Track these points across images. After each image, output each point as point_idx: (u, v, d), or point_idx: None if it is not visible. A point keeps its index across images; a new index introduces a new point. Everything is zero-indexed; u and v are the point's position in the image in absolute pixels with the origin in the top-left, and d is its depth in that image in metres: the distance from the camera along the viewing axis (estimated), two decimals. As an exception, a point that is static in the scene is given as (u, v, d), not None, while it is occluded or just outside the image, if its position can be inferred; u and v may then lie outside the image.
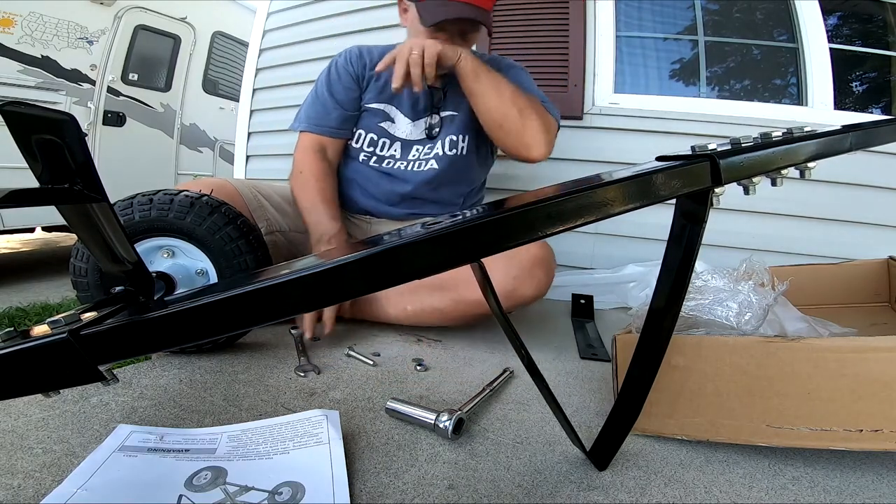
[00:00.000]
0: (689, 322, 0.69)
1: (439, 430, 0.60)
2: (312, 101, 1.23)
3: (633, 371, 0.52)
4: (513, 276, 0.99)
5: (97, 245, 0.49)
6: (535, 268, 1.01)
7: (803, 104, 1.67)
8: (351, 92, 1.21)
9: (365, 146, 1.23)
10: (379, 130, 1.22)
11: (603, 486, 0.52)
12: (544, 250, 1.06)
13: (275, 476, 0.49)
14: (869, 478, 0.54)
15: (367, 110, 1.23)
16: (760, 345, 0.57)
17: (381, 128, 1.22)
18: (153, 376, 0.75)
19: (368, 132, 1.22)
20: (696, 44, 1.82)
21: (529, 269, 1.00)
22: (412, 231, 0.34)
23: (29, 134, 0.38)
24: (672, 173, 0.39)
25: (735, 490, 0.52)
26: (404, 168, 1.22)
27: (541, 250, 1.04)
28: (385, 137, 1.22)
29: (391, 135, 1.22)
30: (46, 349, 0.34)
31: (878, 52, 1.72)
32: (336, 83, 1.21)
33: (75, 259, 0.81)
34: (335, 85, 1.21)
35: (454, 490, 0.50)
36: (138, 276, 0.55)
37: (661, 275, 0.48)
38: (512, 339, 0.47)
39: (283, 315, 0.32)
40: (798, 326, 0.73)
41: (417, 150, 1.22)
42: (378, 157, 1.23)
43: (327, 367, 0.84)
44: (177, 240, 0.82)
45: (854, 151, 0.50)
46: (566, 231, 0.35)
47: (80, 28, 2.52)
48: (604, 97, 1.74)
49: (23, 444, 0.54)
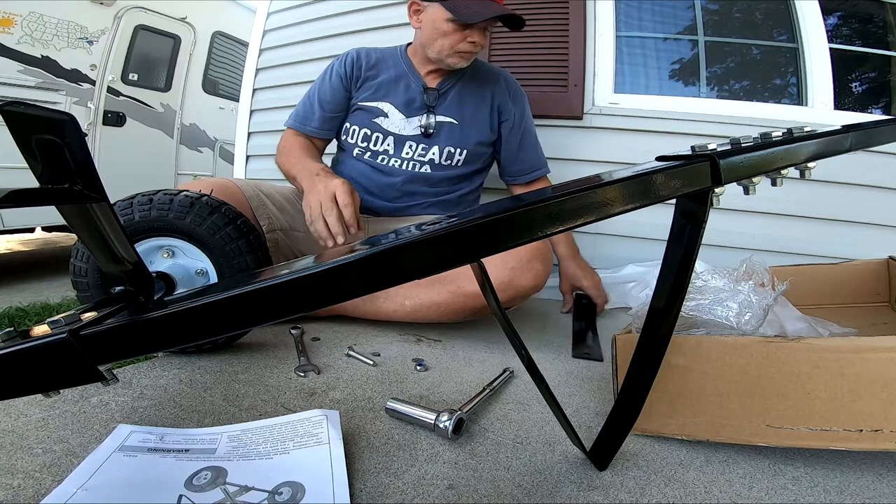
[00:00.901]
0: (689, 322, 0.69)
1: (439, 430, 0.60)
2: (304, 101, 1.29)
3: (633, 371, 0.52)
4: (510, 266, 1.00)
5: (97, 245, 0.49)
6: (533, 259, 1.02)
7: (803, 104, 1.67)
8: (337, 94, 1.25)
9: (359, 141, 1.25)
10: (372, 125, 1.24)
11: (603, 486, 0.52)
12: (542, 241, 1.06)
13: (275, 476, 0.49)
14: (869, 478, 0.54)
15: (361, 108, 1.25)
16: (760, 345, 0.57)
17: (374, 123, 1.24)
18: (153, 376, 0.75)
19: (362, 127, 1.24)
20: (695, 44, 1.82)
21: (528, 260, 1.01)
22: (412, 231, 0.34)
23: (29, 134, 0.38)
24: (672, 173, 0.39)
25: (735, 490, 0.52)
26: (398, 166, 1.24)
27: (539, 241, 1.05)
28: (378, 132, 1.23)
29: (384, 129, 1.23)
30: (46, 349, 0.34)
31: (878, 52, 1.72)
32: (325, 85, 1.26)
33: (75, 259, 0.81)
34: (324, 87, 1.26)
35: (454, 490, 0.50)
36: (138, 276, 0.55)
37: (661, 275, 0.48)
38: (512, 339, 0.47)
39: (283, 315, 0.32)
40: (798, 326, 0.73)
41: (411, 147, 1.23)
42: (372, 152, 1.25)
43: (327, 367, 0.84)
44: (177, 240, 0.82)
45: (854, 151, 0.50)
46: (566, 231, 0.35)
47: (80, 28, 2.53)
48: (604, 97, 1.74)
49: (23, 444, 0.54)
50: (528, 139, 1.34)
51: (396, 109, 1.24)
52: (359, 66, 1.26)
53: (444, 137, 1.24)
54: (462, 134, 1.25)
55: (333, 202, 0.94)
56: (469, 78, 1.28)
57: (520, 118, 1.32)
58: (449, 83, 1.27)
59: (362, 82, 1.26)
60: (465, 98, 1.26)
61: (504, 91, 1.30)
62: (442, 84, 1.26)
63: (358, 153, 1.26)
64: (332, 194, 0.94)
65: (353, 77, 1.26)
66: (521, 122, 1.32)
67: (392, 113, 1.24)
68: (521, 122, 1.32)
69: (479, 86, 1.29)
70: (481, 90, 1.29)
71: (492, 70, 1.34)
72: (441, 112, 1.25)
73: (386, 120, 1.24)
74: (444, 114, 1.25)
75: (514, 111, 1.31)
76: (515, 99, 1.32)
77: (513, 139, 1.32)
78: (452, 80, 1.27)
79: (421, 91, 1.24)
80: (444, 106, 1.25)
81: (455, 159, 1.26)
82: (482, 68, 1.33)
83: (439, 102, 1.25)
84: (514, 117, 1.30)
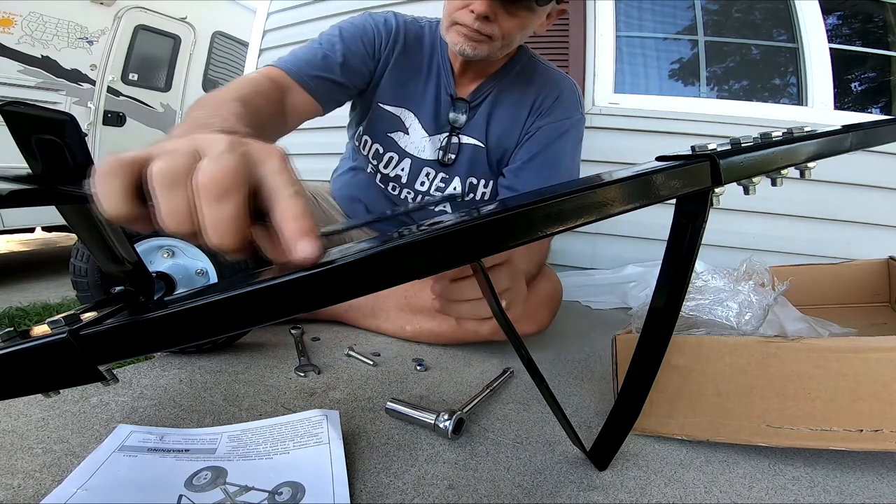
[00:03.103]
0: (689, 322, 0.69)
1: (439, 430, 0.60)
2: (307, 46, 0.91)
3: (633, 371, 0.52)
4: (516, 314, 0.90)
5: (97, 245, 0.49)
6: (540, 306, 0.95)
7: (803, 104, 1.67)
8: (363, 61, 0.91)
9: (371, 156, 1.02)
10: (387, 142, 0.99)
11: (603, 486, 0.52)
12: (553, 286, 0.99)
13: (275, 476, 0.49)
14: (869, 478, 0.54)
15: (379, 111, 0.97)
16: (760, 345, 0.57)
17: (389, 139, 0.99)
18: (153, 376, 0.75)
19: (374, 142, 0.99)
20: (695, 44, 1.82)
21: (532, 308, 0.93)
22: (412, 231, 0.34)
23: (29, 134, 0.38)
24: (672, 173, 0.38)
25: (735, 490, 0.52)
26: (411, 200, 1.01)
27: (549, 286, 0.97)
28: (392, 151, 0.99)
29: (401, 149, 0.99)
30: (46, 349, 0.34)
31: (878, 52, 1.72)
32: (356, 41, 0.90)
33: (75, 259, 0.81)
34: (352, 41, 0.90)
35: (454, 490, 0.50)
36: (138, 276, 0.55)
37: (661, 275, 0.48)
38: (512, 339, 0.47)
39: (283, 315, 0.32)
40: (798, 326, 0.73)
41: (428, 176, 0.99)
42: (383, 175, 1.02)
43: (327, 367, 0.83)
44: (177, 239, 0.82)
45: (854, 151, 0.50)
46: (566, 231, 0.35)
47: (80, 28, 2.52)
48: (604, 97, 1.74)
49: (23, 444, 0.54)
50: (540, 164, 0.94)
51: (420, 124, 0.96)
52: (394, 39, 0.92)
53: (466, 165, 0.97)
54: (486, 160, 0.97)
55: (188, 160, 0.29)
56: (511, 82, 0.96)
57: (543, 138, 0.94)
58: (485, 91, 0.95)
59: (386, 63, 0.93)
60: (498, 111, 0.96)
61: (547, 97, 0.96)
62: (476, 93, 0.95)
63: (371, 170, 1.03)
64: (193, 149, 0.28)
65: (386, 52, 0.92)
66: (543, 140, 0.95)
67: (414, 128, 0.96)
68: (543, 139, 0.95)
69: (521, 92, 0.95)
70: (522, 99, 0.95)
71: (550, 76, 0.98)
72: (467, 131, 0.96)
73: (405, 137, 0.97)
74: (471, 133, 0.96)
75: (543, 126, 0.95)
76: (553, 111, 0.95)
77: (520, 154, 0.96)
78: (490, 86, 0.95)
79: (448, 100, 0.94)
80: (472, 123, 0.96)
81: (479, 192, 0.99)
82: (536, 69, 0.98)
83: (468, 118, 0.95)
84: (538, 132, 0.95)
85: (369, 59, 0.92)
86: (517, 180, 0.96)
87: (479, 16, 0.80)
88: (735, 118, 1.61)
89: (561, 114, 0.96)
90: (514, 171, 0.97)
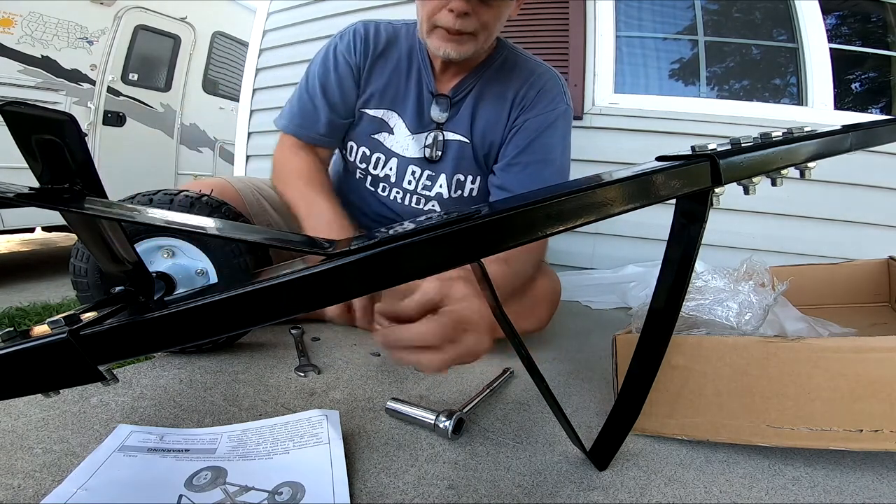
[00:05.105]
0: (689, 322, 0.69)
1: (439, 430, 0.60)
2: (301, 96, 0.99)
3: (633, 371, 0.52)
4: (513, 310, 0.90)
5: (97, 245, 0.49)
6: (538, 304, 0.96)
7: (803, 104, 1.67)
8: (347, 90, 0.96)
9: (358, 161, 1.03)
10: (372, 144, 1.00)
11: (603, 486, 0.52)
12: (552, 284, 0.99)
13: (275, 476, 0.49)
14: (869, 478, 0.54)
15: (363, 118, 0.99)
16: (760, 345, 0.57)
17: (375, 140, 0.99)
18: (153, 376, 0.75)
19: (360, 145, 1.01)
20: (695, 44, 1.82)
21: (531, 305, 0.94)
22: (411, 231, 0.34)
23: (29, 134, 0.38)
24: (672, 173, 0.39)
25: (735, 490, 0.52)
26: (400, 199, 1.02)
27: (548, 284, 0.98)
28: (379, 152, 1.00)
29: (386, 149, 0.99)
30: (46, 349, 0.34)
31: (878, 52, 1.72)
32: (331, 77, 0.96)
33: (75, 259, 0.81)
34: (330, 80, 0.96)
35: (454, 490, 0.50)
36: (138, 276, 0.55)
37: (661, 275, 0.48)
38: (512, 339, 0.47)
39: (283, 315, 0.32)
40: (798, 326, 0.73)
41: (414, 174, 0.99)
42: (373, 177, 1.03)
43: (327, 367, 0.83)
44: (177, 240, 0.82)
45: (854, 151, 0.50)
46: (566, 231, 0.35)
47: (80, 28, 2.52)
48: (604, 97, 1.74)
49: (23, 444, 0.54)
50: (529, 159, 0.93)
51: (404, 123, 0.97)
52: (366, 49, 0.95)
53: (451, 162, 0.97)
54: (472, 156, 0.97)
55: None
56: (492, 76, 0.95)
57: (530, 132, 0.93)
58: (467, 87, 0.96)
59: (368, 73, 0.96)
60: (481, 105, 0.95)
61: (530, 88, 0.94)
62: (458, 88, 0.95)
63: (360, 175, 1.04)
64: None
65: (362, 65, 0.95)
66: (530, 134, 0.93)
67: (399, 128, 0.97)
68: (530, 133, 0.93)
69: (503, 86, 0.95)
70: (504, 92, 0.95)
71: (530, 65, 0.97)
72: (450, 127, 0.96)
73: (390, 137, 0.98)
74: (455, 129, 0.96)
75: (529, 119, 0.93)
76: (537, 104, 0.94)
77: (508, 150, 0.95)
78: (472, 80, 0.95)
79: (430, 97, 0.95)
80: (455, 119, 0.96)
81: (467, 188, 0.99)
82: (517, 62, 0.97)
83: (451, 114, 0.96)
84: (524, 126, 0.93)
85: (354, 84, 0.97)
86: (507, 177, 0.95)
87: (459, 13, 0.81)
88: (735, 118, 1.61)
89: (546, 105, 0.94)
90: (504, 169, 0.96)
